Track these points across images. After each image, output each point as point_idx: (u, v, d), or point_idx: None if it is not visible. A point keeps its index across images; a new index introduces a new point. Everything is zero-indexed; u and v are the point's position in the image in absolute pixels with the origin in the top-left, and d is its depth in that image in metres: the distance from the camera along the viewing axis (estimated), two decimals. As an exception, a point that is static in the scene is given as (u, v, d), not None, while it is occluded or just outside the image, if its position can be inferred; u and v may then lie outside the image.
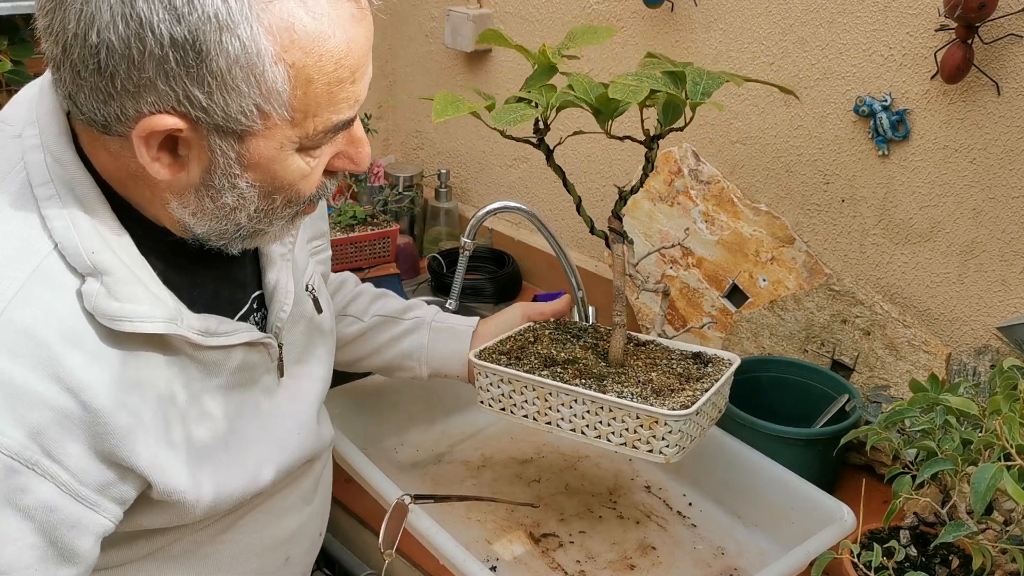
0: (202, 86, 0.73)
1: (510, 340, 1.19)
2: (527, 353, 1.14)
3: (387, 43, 2.23)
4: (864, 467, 1.37)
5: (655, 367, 1.11)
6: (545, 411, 1.07)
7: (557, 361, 1.11)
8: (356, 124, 0.87)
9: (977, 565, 0.88)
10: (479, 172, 2.11)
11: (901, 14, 1.34)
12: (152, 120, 0.74)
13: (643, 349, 1.17)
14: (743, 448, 1.24)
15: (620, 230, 1.10)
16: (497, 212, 1.68)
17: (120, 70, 0.72)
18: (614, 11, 1.71)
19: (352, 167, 0.89)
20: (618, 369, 1.09)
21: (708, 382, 1.07)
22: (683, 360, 1.14)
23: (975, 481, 0.81)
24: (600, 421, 1.03)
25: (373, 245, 1.87)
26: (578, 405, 1.04)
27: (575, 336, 1.20)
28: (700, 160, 1.60)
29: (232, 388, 0.92)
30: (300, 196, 0.85)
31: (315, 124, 0.79)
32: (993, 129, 1.30)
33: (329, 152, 0.85)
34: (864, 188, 1.46)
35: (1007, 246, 1.33)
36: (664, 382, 1.06)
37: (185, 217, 0.83)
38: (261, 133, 0.78)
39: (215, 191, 0.80)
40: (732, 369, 1.11)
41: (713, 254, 1.56)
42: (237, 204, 0.82)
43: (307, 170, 0.83)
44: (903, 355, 1.36)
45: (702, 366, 1.12)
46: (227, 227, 0.84)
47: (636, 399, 1.01)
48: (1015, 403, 0.87)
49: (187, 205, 0.82)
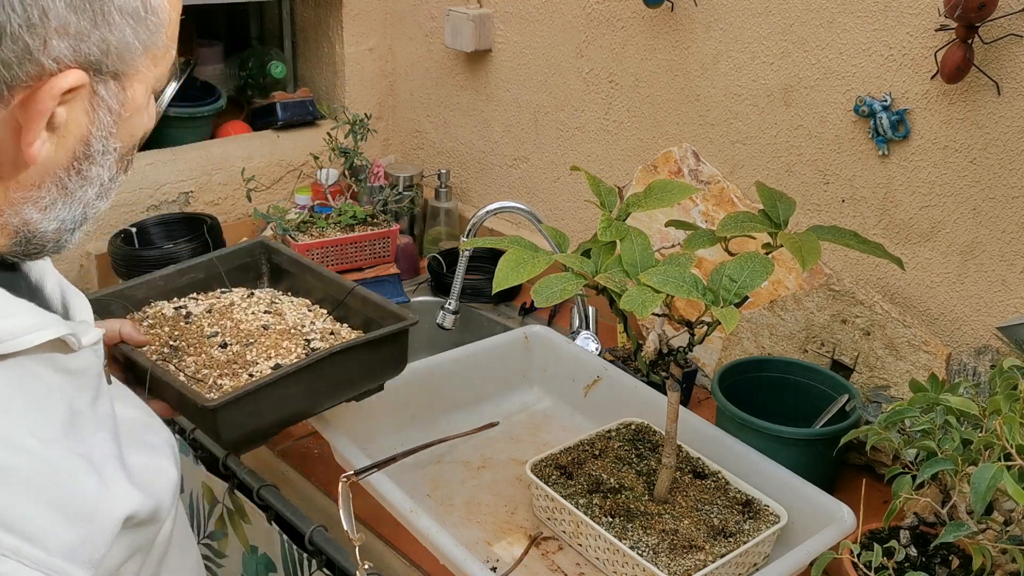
0: (102, 23, 0.66)
1: (574, 451, 1.23)
2: (582, 471, 1.20)
3: (387, 43, 2.23)
4: (864, 467, 1.37)
5: (695, 511, 1.14)
6: (576, 534, 1.15)
7: (602, 488, 1.17)
8: None
9: (977, 565, 0.88)
10: (479, 172, 2.11)
11: (901, 14, 1.34)
12: (56, 81, 0.64)
13: (699, 484, 1.19)
14: (743, 448, 1.23)
15: (679, 377, 1.12)
16: (497, 212, 1.68)
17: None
18: (614, 11, 1.71)
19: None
20: (660, 507, 1.14)
21: (736, 543, 1.08)
22: (729, 507, 1.15)
23: (975, 481, 0.81)
24: (616, 560, 1.09)
25: (373, 245, 1.87)
26: (600, 540, 1.10)
27: (640, 456, 1.24)
28: (700, 160, 1.60)
29: (100, 396, 0.81)
30: (134, 149, 0.77)
31: (168, 58, 0.72)
32: (993, 129, 1.30)
33: None
34: (864, 188, 1.46)
35: (1007, 246, 1.33)
36: (690, 535, 1.09)
37: (32, 214, 0.71)
38: (139, 75, 0.70)
39: (89, 162, 0.71)
40: (772, 530, 1.10)
41: (713, 254, 1.56)
42: (99, 175, 0.73)
43: (151, 118, 0.76)
44: (903, 355, 1.36)
45: (745, 519, 1.13)
46: (76, 213, 0.74)
47: (648, 552, 1.06)
48: (1015, 403, 0.87)
49: (43, 196, 0.71)
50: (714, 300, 0.99)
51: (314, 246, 1.80)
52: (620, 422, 1.30)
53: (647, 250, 1.03)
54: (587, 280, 1.01)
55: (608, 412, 1.36)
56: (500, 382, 1.49)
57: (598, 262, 1.04)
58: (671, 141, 1.69)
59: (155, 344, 1.15)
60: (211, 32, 2.30)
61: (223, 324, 1.19)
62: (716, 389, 1.33)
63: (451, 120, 2.15)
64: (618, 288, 0.99)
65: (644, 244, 1.04)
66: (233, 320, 1.19)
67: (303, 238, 1.80)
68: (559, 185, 1.94)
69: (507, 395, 1.49)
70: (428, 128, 2.22)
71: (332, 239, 1.81)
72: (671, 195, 1.10)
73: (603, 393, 1.43)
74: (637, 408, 1.34)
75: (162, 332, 1.17)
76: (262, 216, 1.82)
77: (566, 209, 1.93)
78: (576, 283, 1.00)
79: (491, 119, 2.04)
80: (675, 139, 1.69)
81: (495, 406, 1.47)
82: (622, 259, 1.02)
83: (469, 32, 1.94)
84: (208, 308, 1.22)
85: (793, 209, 1.13)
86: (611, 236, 1.05)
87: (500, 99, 2.00)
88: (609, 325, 1.78)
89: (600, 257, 1.04)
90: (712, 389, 1.34)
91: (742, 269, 1.01)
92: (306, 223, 1.85)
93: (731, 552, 1.06)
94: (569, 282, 1.00)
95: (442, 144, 2.19)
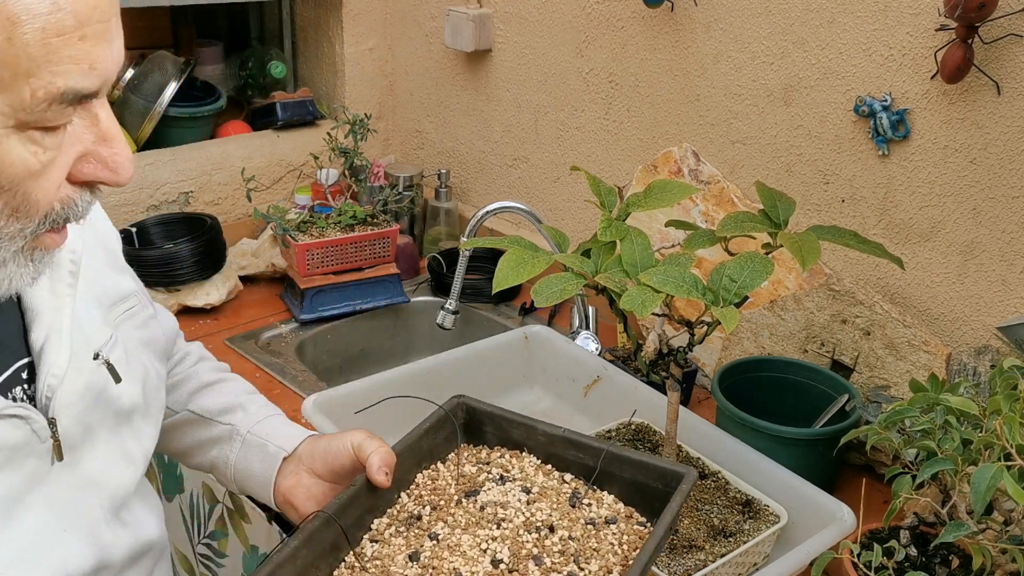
0: None
1: None
2: None
3: (387, 43, 2.23)
4: (864, 467, 1.37)
5: (695, 511, 1.13)
6: None
7: None
8: (104, 114, 0.68)
9: (977, 565, 0.88)
10: (479, 172, 2.11)
11: (901, 14, 1.34)
12: None
13: (699, 484, 1.18)
14: (743, 448, 1.23)
15: (679, 377, 1.11)
16: (497, 212, 1.68)
17: None
18: (614, 11, 1.71)
19: (108, 175, 0.69)
20: None
21: (736, 543, 1.07)
22: (729, 507, 1.14)
23: (975, 481, 0.81)
24: None
25: (373, 245, 1.87)
26: None
27: None
28: (700, 160, 1.60)
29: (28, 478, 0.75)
30: (31, 207, 0.65)
31: (32, 88, 0.61)
32: (993, 129, 1.30)
33: (70, 148, 0.66)
34: (864, 188, 1.46)
35: (1007, 246, 1.33)
36: (690, 534, 1.08)
37: None
38: None
39: None
40: (772, 530, 1.10)
41: (713, 254, 1.56)
42: None
43: (35, 165, 0.64)
44: (903, 355, 1.36)
45: (745, 519, 1.12)
46: None
47: None
48: (1015, 403, 0.87)
49: None
50: (714, 300, 0.99)
51: (314, 246, 1.80)
52: (620, 422, 1.30)
53: (647, 250, 1.03)
54: (587, 280, 1.01)
55: (608, 412, 1.36)
56: (500, 382, 1.49)
57: (598, 262, 1.03)
58: (671, 141, 1.69)
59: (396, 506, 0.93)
60: (211, 32, 2.31)
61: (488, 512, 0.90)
62: (716, 389, 1.33)
63: (451, 120, 2.15)
64: (618, 288, 0.99)
65: (644, 244, 1.04)
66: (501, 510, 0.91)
67: (303, 238, 1.80)
68: (559, 185, 1.94)
69: (507, 395, 1.49)
70: (428, 128, 2.22)
71: (332, 239, 1.82)
72: (671, 195, 1.10)
73: (603, 393, 1.43)
74: (637, 408, 1.34)
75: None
76: (262, 216, 1.82)
77: (566, 209, 1.93)
78: (576, 283, 1.00)
79: (491, 119, 2.04)
80: (675, 139, 1.69)
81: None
82: (622, 259, 1.02)
83: (469, 32, 1.94)
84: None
85: (793, 209, 1.13)
86: (611, 236, 1.05)
87: (500, 99, 2.00)
88: (609, 325, 1.78)
89: (600, 257, 1.04)
90: (712, 389, 1.34)
91: (742, 269, 1.01)
92: (306, 223, 1.85)
93: (731, 552, 1.06)
94: (569, 282, 1.00)
95: (442, 144, 2.19)
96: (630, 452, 0.95)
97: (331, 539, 0.85)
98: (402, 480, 0.94)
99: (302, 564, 0.81)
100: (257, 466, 1.00)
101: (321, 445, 0.98)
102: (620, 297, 0.97)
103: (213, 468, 1.05)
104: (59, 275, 0.82)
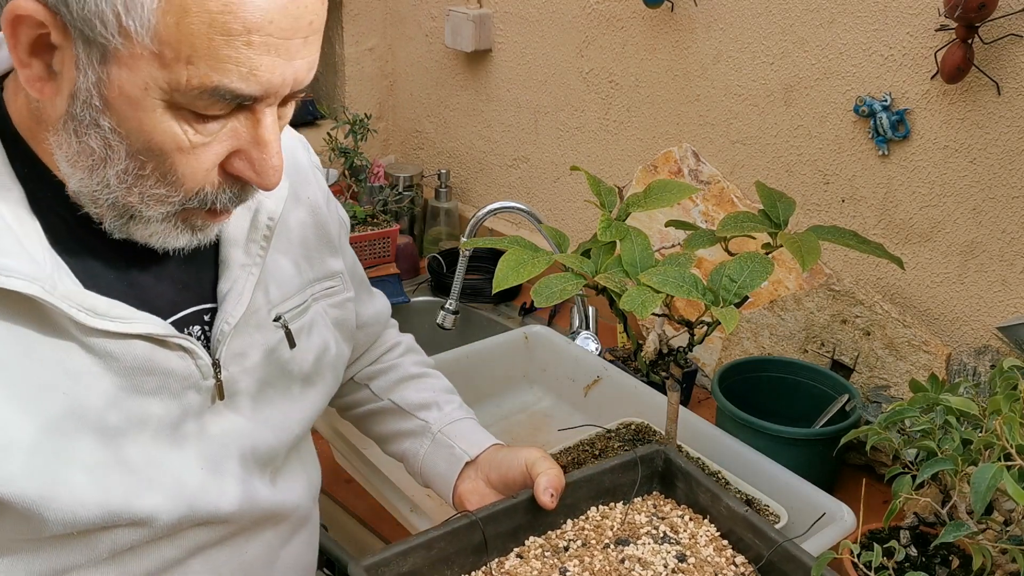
0: None
1: (573, 451, 1.22)
2: None
3: (387, 43, 2.23)
4: (864, 467, 1.37)
5: None
6: None
7: None
8: (269, 120, 0.73)
9: (977, 565, 0.88)
10: (479, 172, 2.11)
11: (901, 14, 1.34)
12: (14, 2, 0.66)
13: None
14: (743, 448, 1.23)
15: (679, 377, 1.11)
16: (497, 212, 1.68)
17: None
18: (614, 11, 1.71)
19: (252, 175, 0.74)
20: None
21: None
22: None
23: (975, 481, 0.81)
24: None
25: (373, 245, 1.87)
26: None
27: None
28: (700, 160, 1.60)
29: (131, 392, 0.78)
30: (179, 179, 0.72)
31: (188, 75, 0.66)
32: (993, 129, 1.30)
33: (226, 140, 0.73)
34: (864, 188, 1.46)
35: (1007, 246, 1.33)
36: None
37: (62, 164, 0.73)
38: (124, 60, 0.66)
39: (78, 123, 0.70)
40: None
41: (713, 254, 1.56)
42: (104, 153, 0.71)
43: (185, 142, 0.70)
44: (903, 355, 1.36)
45: None
46: (98, 186, 0.73)
47: None
48: (1015, 403, 0.87)
49: (60, 145, 0.72)
50: (714, 300, 0.99)
51: (314, 246, 1.80)
52: (620, 422, 1.30)
53: (647, 250, 1.03)
54: (587, 280, 1.01)
55: (608, 412, 1.36)
56: (500, 382, 1.49)
57: (598, 262, 1.03)
58: (671, 141, 1.69)
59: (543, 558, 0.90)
60: (211, 32, 2.30)
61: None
62: (716, 389, 1.33)
63: (451, 120, 2.15)
64: (618, 288, 0.99)
65: (644, 244, 1.04)
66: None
67: (303, 238, 1.80)
68: (559, 185, 1.94)
69: (507, 395, 1.49)
70: (428, 128, 2.22)
71: (332, 239, 1.81)
72: (671, 195, 1.10)
73: (603, 393, 1.43)
74: (637, 408, 1.34)
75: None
76: (262, 216, 1.82)
77: (566, 209, 1.93)
78: (576, 283, 1.00)
79: (491, 119, 2.04)
80: (675, 139, 1.69)
81: (495, 406, 1.47)
82: (622, 259, 1.02)
83: (469, 32, 1.94)
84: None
85: (793, 209, 1.13)
86: (611, 236, 1.05)
87: (500, 99, 2.00)
88: (609, 325, 1.78)
89: (600, 257, 1.04)
90: (712, 389, 1.34)
91: (742, 269, 1.01)
92: (306, 223, 1.85)
93: None
94: (569, 282, 0.99)
95: (442, 144, 2.19)
96: (803, 553, 0.86)
97: (475, 542, 0.87)
98: (573, 508, 0.95)
99: (437, 554, 0.85)
100: (442, 466, 1.05)
101: (499, 456, 1.02)
102: (620, 297, 0.97)
103: (403, 459, 1.10)
104: (255, 237, 0.88)
